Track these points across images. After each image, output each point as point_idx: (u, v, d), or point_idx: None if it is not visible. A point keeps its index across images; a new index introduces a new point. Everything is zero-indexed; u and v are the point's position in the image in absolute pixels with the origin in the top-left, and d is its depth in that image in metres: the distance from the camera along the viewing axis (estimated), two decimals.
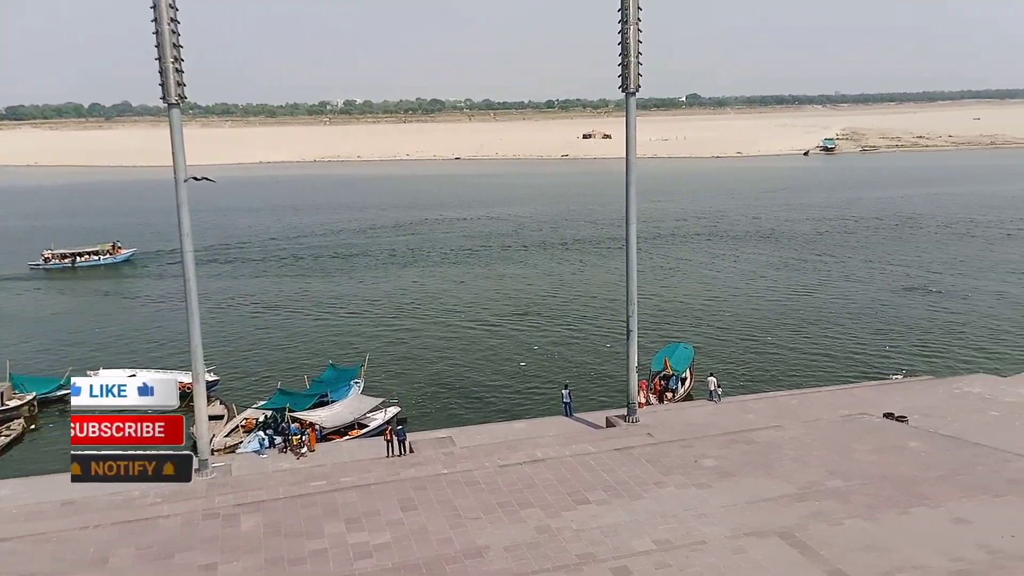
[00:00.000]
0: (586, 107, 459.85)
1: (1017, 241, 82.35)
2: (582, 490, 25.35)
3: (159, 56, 26.82)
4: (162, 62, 26.86)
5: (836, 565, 20.61)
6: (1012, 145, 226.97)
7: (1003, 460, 27.62)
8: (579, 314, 56.88)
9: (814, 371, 44.20)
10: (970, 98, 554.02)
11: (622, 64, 30.62)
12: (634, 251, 31.89)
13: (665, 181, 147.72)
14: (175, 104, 27.50)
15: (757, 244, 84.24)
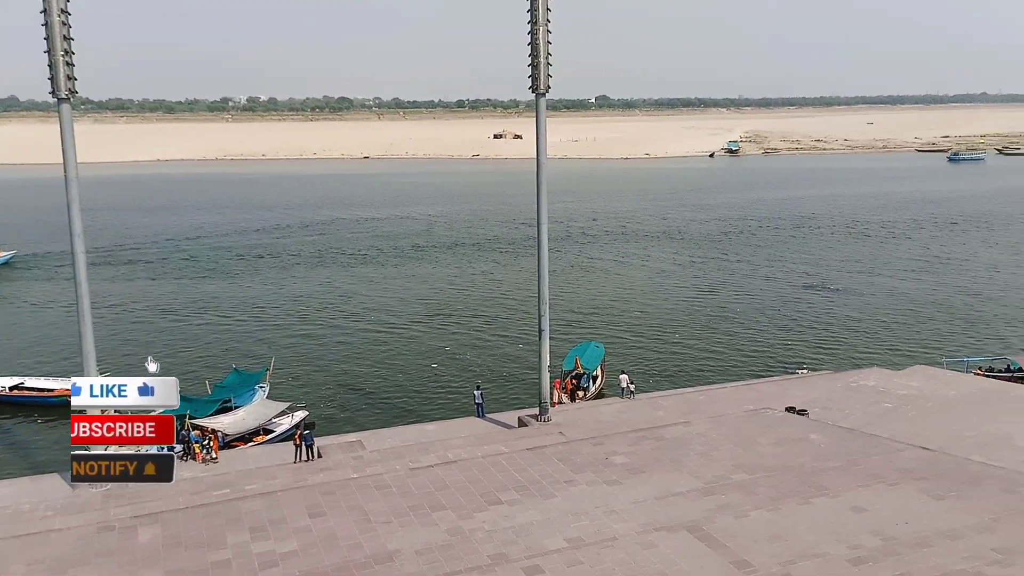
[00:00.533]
0: (497, 107, 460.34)
1: (907, 240, 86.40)
2: (494, 491, 25.23)
3: (48, 49, 25.43)
4: (51, 55, 25.47)
5: (742, 556, 21.08)
6: (902, 148, 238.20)
7: (896, 450, 28.82)
8: (491, 314, 56.86)
9: (720, 367, 45.31)
10: (864, 104, 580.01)
11: (532, 65, 30.67)
12: (545, 251, 31.96)
13: (576, 181, 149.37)
14: (65, 99, 26.11)
15: (665, 244, 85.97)
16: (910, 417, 33.74)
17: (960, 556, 20.90)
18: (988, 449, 29.89)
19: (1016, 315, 56.49)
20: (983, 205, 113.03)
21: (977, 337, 51.41)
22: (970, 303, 59.51)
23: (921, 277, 68.08)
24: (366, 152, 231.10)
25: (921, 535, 22.06)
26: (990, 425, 32.52)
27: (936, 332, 52.41)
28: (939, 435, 31.32)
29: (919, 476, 26.21)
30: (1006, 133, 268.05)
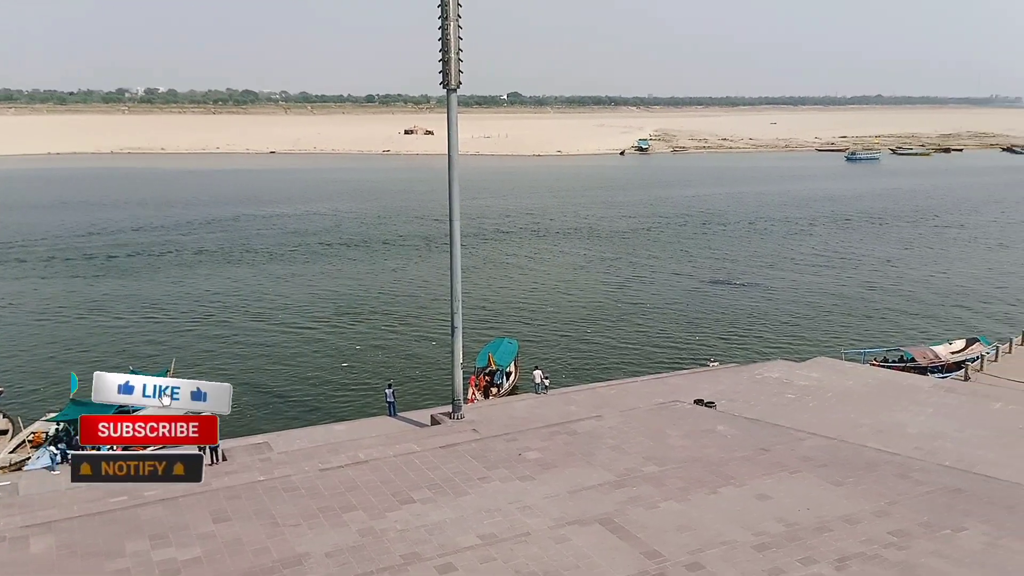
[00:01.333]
0: (407, 103, 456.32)
1: (808, 237, 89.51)
2: (406, 490, 24.92)
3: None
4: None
5: (652, 547, 21.39)
6: (803, 148, 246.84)
7: (798, 439, 29.77)
8: (403, 312, 56.27)
9: (631, 362, 45.95)
10: (767, 104, 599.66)
11: (443, 61, 30.39)
12: (458, 248, 31.75)
13: (488, 178, 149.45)
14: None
15: (577, 240, 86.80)
16: (811, 407, 34.92)
17: (858, 540, 21.70)
18: (883, 436, 31.21)
19: (909, 307, 59.20)
20: (878, 203, 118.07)
21: (873, 329, 53.65)
22: (867, 296, 62.08)
23: (821, 272, 70.66)
24: (272, 147, 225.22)
25: (822, 520, 22.81)
26: (885, 413, 33.97)
27: (836, 325, 54.44)
28: (838, 424, 32.55)
29: (820, 464, 27.12)
30: (899, 134, 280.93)
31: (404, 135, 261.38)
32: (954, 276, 69.54)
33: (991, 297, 62.65)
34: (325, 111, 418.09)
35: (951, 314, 57.58)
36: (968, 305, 60.07)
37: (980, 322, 55.38)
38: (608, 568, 20.46)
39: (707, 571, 20.21)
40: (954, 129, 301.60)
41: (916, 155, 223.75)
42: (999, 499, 24.47)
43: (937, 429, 32.10)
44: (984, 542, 21.63)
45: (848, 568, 20.28)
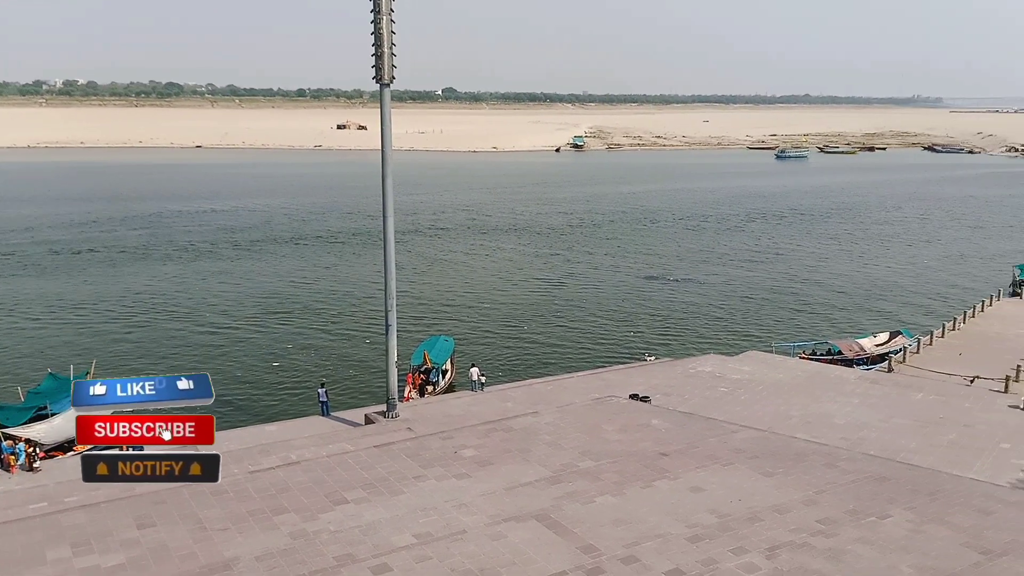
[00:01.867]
0: (340, 97, 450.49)
1: (740, 233, 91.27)
2: (340, 490, 24.48)
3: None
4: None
5: (588, 541, 21.43)
6: (735, 146, 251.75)
7: (730, 431, 30.24)
8: (336, 310, 55.43)
9: (568, 358, 46.12)
10: (700, 102, 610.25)
11: (375, 55, 29.96)
12: (392, 244, 31.35)
13: (423, 174, 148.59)
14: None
15: (514, 237, 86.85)
16: (743, 400, 35.53)
17: (788, 529, 22.11)
18: (811, 427, 31.94)
19: (835, 302, 60.78)
20: (806, 200, 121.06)
21: (802, 323, 54.94)
22: (796, 291, 63.53)
23: (752, 267, 72.08)
24: (199, 141, 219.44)
25: (753, 511, 23.18)
26: (813, 405, 34.78)
27: (766, 319, 55.58)
28: (768, 416, 33.19)
29: (751, 455, 27.58)
30: (826, 132, 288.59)
31: (336, 130, 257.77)
32: (878, 271, 71.70)
33: (913, 291, 64.76)
34: (254, 105, 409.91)
35: (875, 308, 59.32)
36: (891, 299, 61.99)
37: (903, 315, 57.18)
38: (544, 563, 20.43)
39: (642, 564, 20.34)
40: (878, 128, 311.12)
41: (842, 153, 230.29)
42: (921, 486, 25.23)
43: (863, 419, 32.99)
44: (908, 528, 22.27)
45: (778, 557, 20.64)
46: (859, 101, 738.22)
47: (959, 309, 53.36)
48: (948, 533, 22.00)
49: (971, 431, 31.84)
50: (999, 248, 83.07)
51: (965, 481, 26.18)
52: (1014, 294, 57.89)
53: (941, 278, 69.64)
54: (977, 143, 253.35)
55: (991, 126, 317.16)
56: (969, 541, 21.53)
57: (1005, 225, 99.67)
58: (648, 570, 20.08)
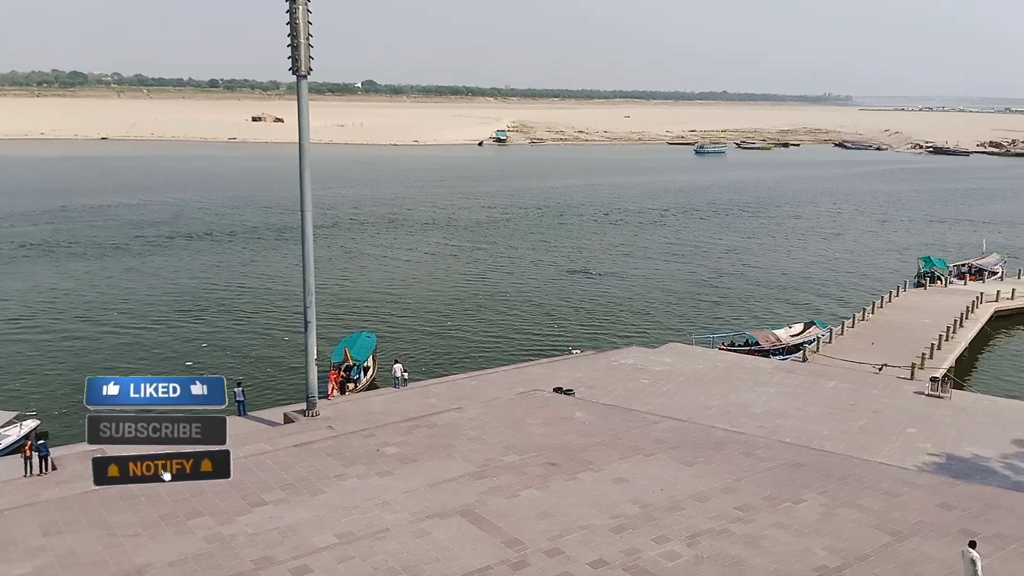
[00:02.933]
0: (255, 88, 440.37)
1: (661, 227, 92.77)
2: (258, 492, 23.84)
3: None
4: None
5: (513, 535, 21.39)
6: (655, 141, 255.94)
7: (652, 422, 30.64)
8: (252, 307, 54.00)
9: (492, 352, 46.04)
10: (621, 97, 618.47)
11: (292, 46, 29.31)
12: (310, 239, 30.74)
13: (342, 168, 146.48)
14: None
15: (436, 231, 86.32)
16: (664, 391, 36.06)
17: (708, 516, 22.51)
18: (730, 417, 32.63)
19: (753, 293, 62.29)
20: (724, 194, 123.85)
21: (721, 315, 56.10)
22: (715, 284, 64.87)
23: (673, 261, 73.31)
24: (104, 133, 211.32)
25: (674, 500, 23.52)
26: (732, 395, 35.53)
27: (686, 311, 56.57)
28: (689, 406, 33.78)
29: (672, 445, 27.99)
30: (743, 129, 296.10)
31: (252, 122, 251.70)
32: (793, 264, 73.81)
33: (826, 283, 66.87)
34: (163, 95, 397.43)
35: (791, 299, 61.03)
36: (805, 291, 63.87)
37: (817, 305, 59.00)
38: (469, 559, 20.31)
39: (566, 556, 20.40)
40: (792, 125, 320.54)
41: (758, 149, 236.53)
42: (834, 471, 26.00)
43: (779, 408, 33.87)
44: (821, 512, 22.92)
45: (699, 544, 20.99)
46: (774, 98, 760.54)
47: (868, 300, 55.25)
48: (859, 515, 22.72)
49: (880, 417, 33.01)
50: (904, 241, 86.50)
51: (874, 465, 27.10)
52: (919, 285, 60.24)
53: (851, 270, 72.09)
54: (884, 140, 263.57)
55: (897, 124, 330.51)
56: (879, 523, 22.29)
57: (910, 219, 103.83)
58: (572, 562, 20.15)
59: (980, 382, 43.51)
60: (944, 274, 61.36)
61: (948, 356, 42.79)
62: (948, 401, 35.13)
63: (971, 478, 26.94)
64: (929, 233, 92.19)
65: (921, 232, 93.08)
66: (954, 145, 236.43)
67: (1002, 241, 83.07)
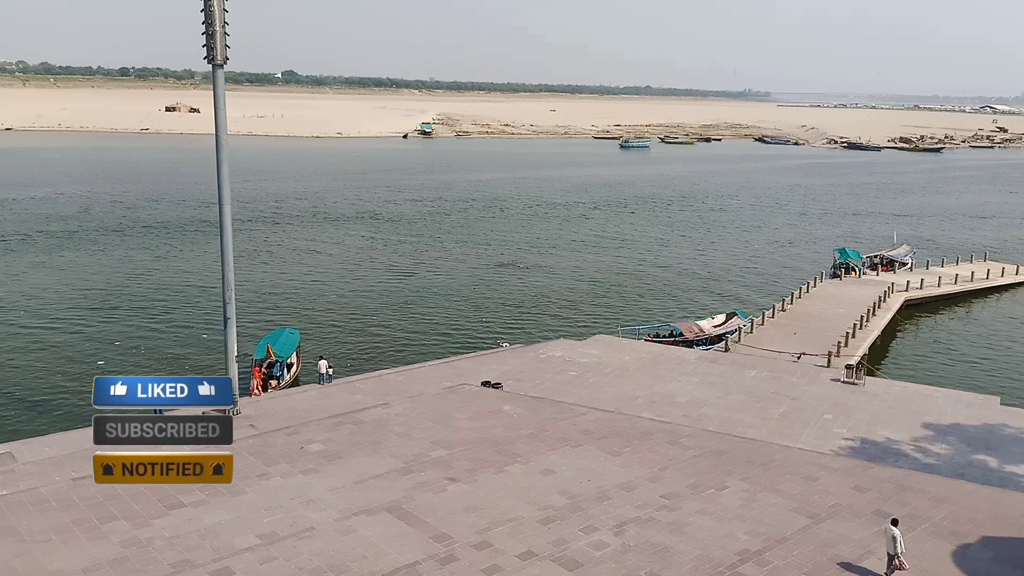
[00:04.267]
0: (168, 77, 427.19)
1: (587, 221, 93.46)
2: (175, 493, 23.07)
3: None
4: None
5: (441, 530, 21.28)
6: (581, 135, 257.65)
7: (579, 414, 30.84)
8: (169, 304, 52.27)
9: (419, 347, 45.64)
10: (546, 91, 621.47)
11: (207, 34, 28.44)
12: (229, 234, 29.91)
13: (263, 160, 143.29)
14: None
15: (360, 225, 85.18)
16: (591, 383, 36.34)
17: (634, 505, 22.78)
18: (656, 407, 33.10)
19: (677, 285, 63.32)
20: (649, 188, 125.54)
21: (647, 306, 56.87)
22: (640, 276, 65.71)
23: (599, 254, 73.96)
24: (8, 123, 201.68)
25: (602, 490, 23.73)
26: (657, 385, 36.05)
27: (613, 303, 57.15)
28: (615, 397, 34.12)
29: (599, 436, 28.24)
30: (667, 123, 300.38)
31: (166, 112, 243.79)
32: (716, 256, 75.29)
33: (747, 274, 68.43)
34: (72, 84, 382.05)
35: (714, 290, 62.25)
36: (728, 282, 65.23)
37: (738, 297, 60.30)
38: (396, 555, 20.11)
39: (495, 548, 20.38)
40: (714, 120, 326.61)
41: (682, 143, 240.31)
42: (755, 458, 26.61)
43: (702, 397, 34.51)
44: (743, 498, 23.43)
45: (625, 533, 21.22)
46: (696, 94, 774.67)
47: (787, 291, 56.76)
48: (779, 500, 23.31)
49: (799, 404, 33.95)
50: (821, 233, 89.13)
51: (794, 451, 27.86)
52: (835, 276, 62.15)
53: (771, 261, 73.96)
54: (801, 135, 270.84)
55: (813, 120, 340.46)
56: (798, 507, 22.91)
57: (826, 212, 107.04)
58: (501, 554, 20.13)
59: (892, 368, 45.17)
60: (858, 265, 63.44)
61: (862, 344, 44.26)
62: (862, 387, 36.37)
63: (884, 461, 27.95)
64: (844, 225, 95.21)
65: (837, 224, 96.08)
66: (867, 141, 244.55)
67: (911, 233, 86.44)
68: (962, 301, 59.50)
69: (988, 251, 73.61)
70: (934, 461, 28.66)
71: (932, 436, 30.97)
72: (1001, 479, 27.22)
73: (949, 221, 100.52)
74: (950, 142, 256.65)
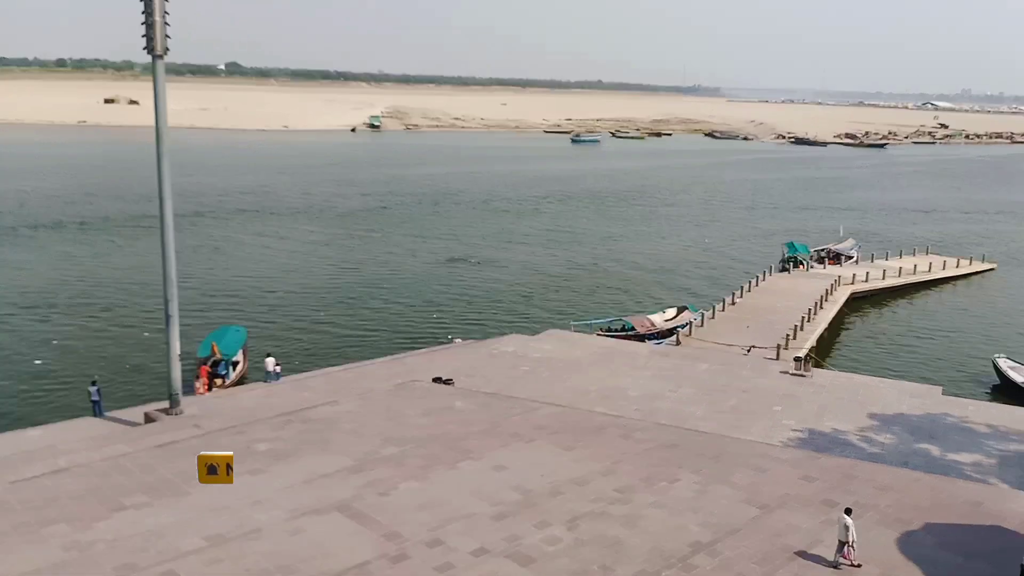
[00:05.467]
0: (107, 68, 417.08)
1: (539, 215, 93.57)
2: (118, 496, 22.41)
3: None
4: None
5: (393, 528, 20.94)
6: (532, 129, 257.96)
7: (532, 409, 30.70)
8: (108, 301, 50.93)
9: (369, 343, 45.19)
10: (497, 85, 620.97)
11: (146, 24, 27.65)
12: (170, 229, 29.13)
13: (206, 154, 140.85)
14: None
15: (308, 220, 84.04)
16: (544, 377, 36.27)
17: (588, 500, 22.71)
18: (608, 401, 33.14)
19: (629, 279, 63.69)
20: (600, 183, 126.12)
21: (599, 301, 57.07)
22: (592, 271, 65.95)
23: (551, 248, 74.03)
24: None
25: (555, 485, 23.61)
26: (610, 379, 36.12)
27: (565, 298, 57.23)
28: (568, 392, 34.09)
29: (552, 431, 28.13)
30: (618, 118, 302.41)
31: (104, 105, 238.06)
32: (667, 250, 75.89)
33: (698, 268, 69.11)
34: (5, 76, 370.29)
35: (665, 284, 62.72)
36: (679, 276, 65.81)
37: (690, 291, 60.83)
38: (347, 555, 19.73)
39: (447, 546, 20.12)
40: (665, 115, 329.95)
41: (633, 138, 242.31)
42: (707, 450, 26.76)
43: (655, 391, 34.66)
44: (695, 490, 23.54)
45: (578, 527, 21.13)
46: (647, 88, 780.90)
47: (738, 284, 57.43)
48: (730, 491, 23.46)
49: (749, 396, 34.31)
50: (770, 227, 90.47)
51: (744, 443, 28.09)
52: (783, 269, 63.14)
53: (722, 255, 74.81)
54: (751, 131, 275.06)
55: (762, 115, 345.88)
56: (748, 498, 23.07)
57: (775, 206, 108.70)
58: (453, 552, 19.90)
59: (839, 360, 46.00)
60: (806, 259, 64.51)
61: (810, 337, 44.96)
62: (810, 379, 36.91)
63: (831, 451, 28.37)
64: (793, 219, 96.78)
65: (785, 219, 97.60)
66: (813, 136, 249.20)
67: (857, 227, 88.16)
68: (906, 293, 60.90)
69: (931, 245, 75.59)
70: (879, 450, 29.20)
71: (877, 426, 31.54)
72: (943, 467, 27.84)
73: (893, 215, 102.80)
74: (894, 138, 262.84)
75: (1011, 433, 31.35)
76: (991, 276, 68.17)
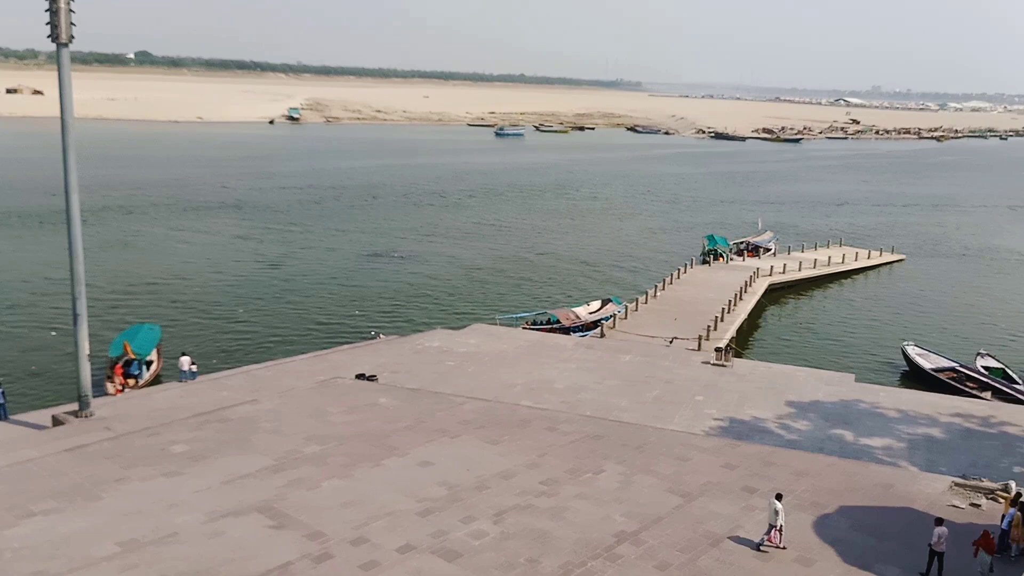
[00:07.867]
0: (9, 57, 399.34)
1: (463, 209, 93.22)
2: (25, 503, 21.40)
3: None
4: None
5: (315, 528, 20.56)
6: (455, 122, 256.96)
7: (457, 404, 30.56)
8: (11, 299, 48.70)
9: (290, 340, 44.27)
10: (419, 77, 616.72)
11: (50, 11, 26.49)
12: (78, 225, 27.94)
13: (116, 146, 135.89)
14: None
15: (225, 215, 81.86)
16: (470, 372, 36.16)
17: (513, 493, 22.71)
18: (534, 394, 33.25)
19: (553, 273, 64.02)
20: (524, 176, 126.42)
21: (524, 294, 57.18)
22: (517, 264, 66.02)
23: (475, 242, 73.87)
24: None
25: (481, 479, 23.54)
26: (536, 372, 36.25)
27: (490, 292, 57.18)
28: (494, 386, 34.07)
29: (478, 425, 28.05)
30: (541, 112, 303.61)
31: (7, 95, 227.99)
32: (591, 243, 76.53)
33: (622, 260, 69.91)
34: None
35: (589, 277, 63.25)
36: (602, 269, 66.44)
37: (613, 283, 61.49)
38: (268, 556, 19.26)
39: (372, 544, 19.85)
40: (588, 109, 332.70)
41: (556, 132, 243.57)
42: (631, 441, 27.07)
43: (580, 383, 34.92)
44: (619, 480, 23.77)
45: (504, 521, 21.10)
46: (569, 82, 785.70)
47: (659, 276, 58.29)
48: (654, 481, 23.78)
49: (672, 387, 34.87)
50: (691, 220, 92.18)
51: (667, 433, 28.53)
52: (704, 262, 64.35)
53: (644, 248, 75.85)
54: (672, 125, 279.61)
55: (683, 110, 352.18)
56: (671, 487, 23.43)
57: (695, 199, 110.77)
58: (378, 549, 19.63)
59: (757, 350, 47.15)
60: (726, 251, 65.90)
61: (730, 327, 45.96)
62: (731, 369, 37.74)
63: (751, 439, 29.06)
64: (713, 212, 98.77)
65: (706, 212, 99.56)
66: (732, 131, 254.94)
67: (775, 219, 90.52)
68: (821, 284, 62.86)
69: (843, 237, 78.23)
70: (796, 437, 30.04)
71: (794, 413, 32.45)
72: (856, 451, 28.83)
73: (808, 208, 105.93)
74: (808, 133, 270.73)
75: (919, 417, 32.66)
76: (900, 267, 70.94)
